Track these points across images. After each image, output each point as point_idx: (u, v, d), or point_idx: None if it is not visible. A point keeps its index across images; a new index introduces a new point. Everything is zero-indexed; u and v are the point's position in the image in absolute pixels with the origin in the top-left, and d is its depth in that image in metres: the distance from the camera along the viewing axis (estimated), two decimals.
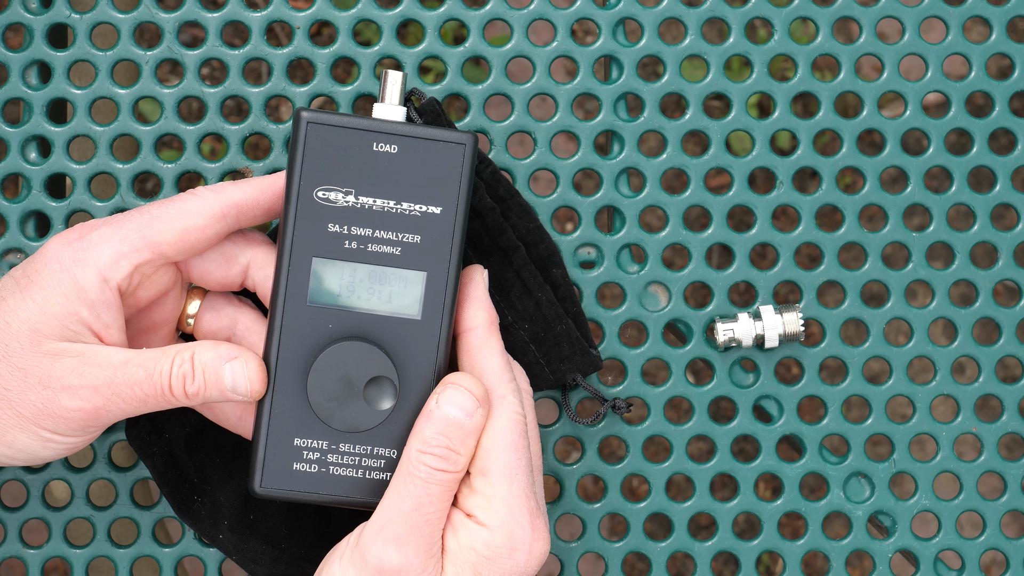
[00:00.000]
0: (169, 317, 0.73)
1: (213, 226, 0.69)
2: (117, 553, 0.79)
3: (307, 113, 0.69)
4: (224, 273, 0.72)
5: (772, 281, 0.81)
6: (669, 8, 0.81)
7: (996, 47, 0.81)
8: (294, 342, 0.70)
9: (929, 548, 0.81)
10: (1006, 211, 0.82)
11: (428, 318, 0.70)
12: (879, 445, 0.81)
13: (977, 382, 0.81)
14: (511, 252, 0.76)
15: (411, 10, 0.80)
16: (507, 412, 0.70)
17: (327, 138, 0.69)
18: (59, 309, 0.68)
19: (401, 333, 0.70)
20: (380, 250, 0.69)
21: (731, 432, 0.80)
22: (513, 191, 0.78)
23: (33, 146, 0.80)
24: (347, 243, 0.69)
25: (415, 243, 0.69)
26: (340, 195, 0.69)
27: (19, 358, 0.68)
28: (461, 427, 0.69)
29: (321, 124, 0.69)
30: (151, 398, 0.68)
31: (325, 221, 0.69)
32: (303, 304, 0.69)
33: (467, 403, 0.69)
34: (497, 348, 0.72)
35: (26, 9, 0.80)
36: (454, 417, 0.69)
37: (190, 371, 0.68)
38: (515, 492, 0.69)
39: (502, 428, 0.70)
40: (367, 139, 0.69)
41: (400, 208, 0.69)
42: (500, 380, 0.71)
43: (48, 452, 0.69)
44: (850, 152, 0.81)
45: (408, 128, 0.69)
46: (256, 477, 0.70)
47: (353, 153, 0.69)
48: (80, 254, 0.69)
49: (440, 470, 0.68)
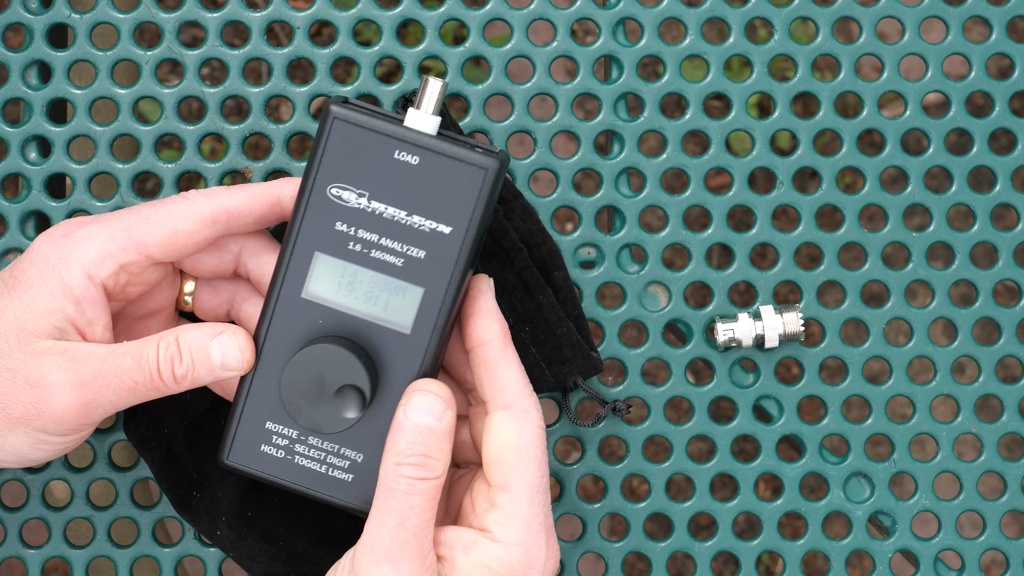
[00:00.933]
0: (166, 302, 0.73)
1: (202, 231, 0.69)
2: (117, 553, 0.79)
3: (336, 108, 0.67)
4: (216, 261, 0.72)
5: (772, 281, 0.81)
6: (669, 8, 0.81)
7: (996, 47, 0.81)
8: (283, 330, 0.70)
9: (929, 548, 0.81)
10: (1006, 211, 0.82)
11: (417, 334, 0.69)
12: (879, 445, 0.81)
13: (977, 382, 0.81)
14: (513, 254, 0.76)
15: (411, 10, 0.80)
16: (531, 427, 0.70)
17: (350, 137, 0.68)
18: (45, 306, 0.68)
19: (388, 343, 0.69)
20: (383, 257, 0.69)
21: (731, 432, 0.80)
22: (516, 193, 0.78)
23: (33, 146, 0.80)
24: (351, 244, 0.69)
25: (419, 258, 0.69)
26: (353, 195, 0.68)
27: (7, 358, 0.68)
28: (433, 432, 0.68)
29: (347, 122, 0.67)
30: (140, 385, 0.68)
31: (334, 219, 0.68)
32: (298, 296, 0.69)
33: (435, 407, 0.68)
34: (515, 360, 0.71)
35: (26, 9, 0.80)
36: (425, 424, 0.68)
37: (177, 352, 0.68)
38: (535, 510, 0.69)
39: (526, 443, 0.69)
40: (390, 145, 0.68)
41: (410, 220, 0.68)
42: (522, 393, 0.70)
43: (39, 454, 0.69)
44: (850, 152, 0.81)
45: (433, 142, 0.68)
46: (225, 448, 0.71)
47: (373, 157, 0.68)
48: (65, 251, 0.68)
49: (420, 479, 0.67)
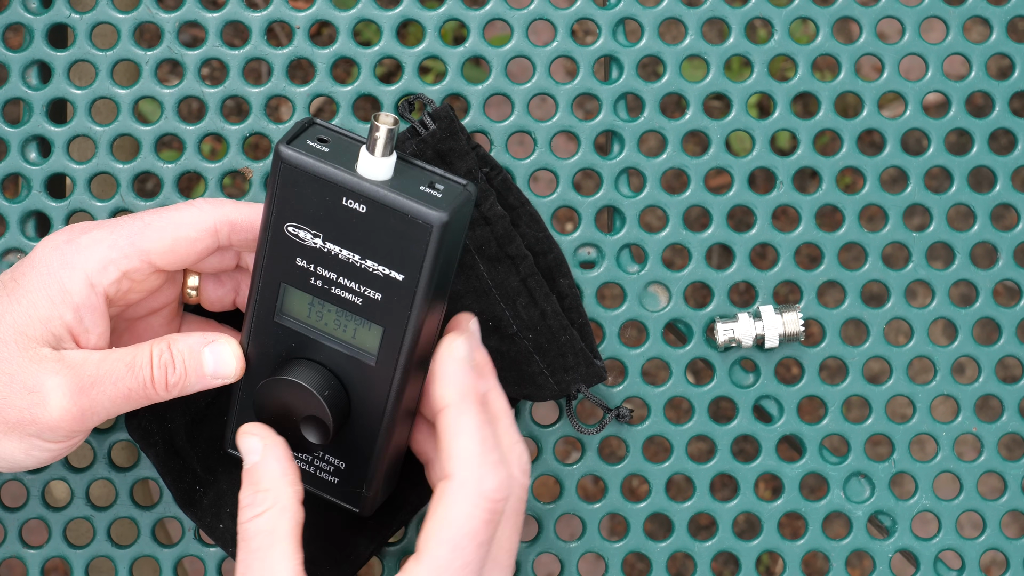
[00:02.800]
0: (168, 299, 0.73)
1: (204, 239, 0.69)
2: (117, 553, 0.79)
3: (285, 149, 0.65)
4: (219, 259, 0.72)
5: (772, 281, 0.81)
6: (669, 8, 0.81)
7: (996, 47, 0.81)
8: (263, 346, 0.70)
9: (929, 548, 0.81)
10: (1006, 211, 0.82)
11: (382, 366, 0.69)
12: (879, 445, 0.81)
13: (977, 382, 0.81)
14: (519, 261, 0.76)
15: (411, 10, 0.80)
16: (465, 501, 0.65)
17: (300, 180, 0.66)
18: (44, 312, 0.68)
19: (356, 371, 0.69)
20: (342, 295, 0.68)
21: (731, 432, 0.80)
22: (523, 200, 0.78)
23: (33, 146, 0.80)
24: (313, 280, 0.68)
25: (375, 299, 0.67)
26: (309, 235, 0.67)
27: (6, 362, 0.68)
28: (255, 467, 0.67)
29: (295, 167, 0.65)
30: (134, 392, 0.68)
31: (294, 254, 0.67)
32: (271, 320, 0.69)
33: (254, 445, 0.68)
34: (468, 427, 0.66)
35: (26, 9, 0.80)
36: (249, 464, 0.68)
37: (170, 360, 0.68)
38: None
39: (452, 518, 0.65)
40: (337, 192, 0.65)
41: (364, 264, 0.67)
42: (466, 464, 0.65)
43: (31, 460, 0.69)
44: (850, 152, 0.81)
45: (380, 192, 0.65)
46: (227, 438, 0.73)
47: (323, 201, 0.66)
48: (68, 257, 0.68)
49: (253, 517, 0.66)
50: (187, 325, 0.75)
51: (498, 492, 0.65)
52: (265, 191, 0.70)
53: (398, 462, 0.74)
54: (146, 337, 0.73)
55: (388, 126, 0.64)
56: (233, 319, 0.76)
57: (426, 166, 0.67)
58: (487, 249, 0.76)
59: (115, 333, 0.73)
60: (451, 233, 0.65)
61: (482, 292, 0.76)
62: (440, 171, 0.67)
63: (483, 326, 0.76)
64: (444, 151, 0.76)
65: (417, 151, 0.76)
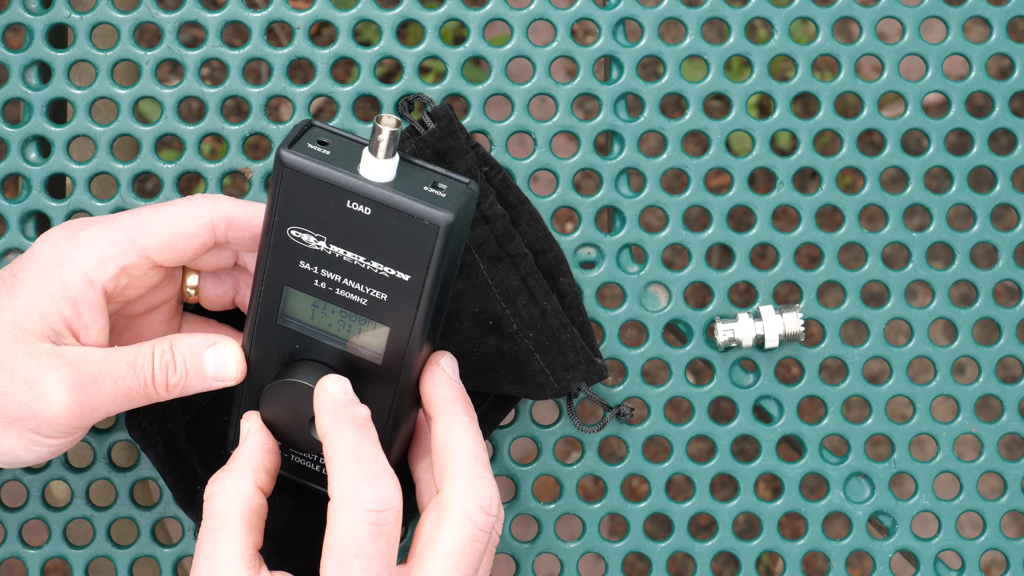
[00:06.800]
0: (167, 296, 0.73)
1: (201, 235, 0.69)
2: (117, 553, 0.79)
3: (287, 154, 0.65)
4: (217, 257, 0.72)
5: (772, 281, 0.81)
6: (669, 8, 0.81)
7: (996, 47, 0.81)
8: (265, 348, 0.70)
9: (929, 548, 0.81)
10: (1006, 211, 0.82)
11: (389, 365, 0.69)
12: (879, 445, 0.81)
13: (977, 382, 0.81)
14: (519, 259, 0.76)
15: (411, 10, 0.80)
16: (454, 523, 0.67)
17: (303, 184, 0.65)
18: (43, 307, 0.68)
19: (362, 371, 0.69)
20: (347, 296, 0.68)
21: (731, 432, 0.80)
22: (523, 198, 0.78)
23: (33, 146, 0.80)
24: (316, 282, 0.68)
25: (381, 299, 0.67)
26: (312, 238, 0.67)
27: (6, 357, 0.68)
28: (234, 454, 0.70)
29: (297, 171, 0.65)
30: (134, 391, 0.68)
31: (297, 257, 0.67)
32: (273, 322, 0.69)
33: (243, 429, 0.70)
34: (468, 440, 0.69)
35: (26, 9, 0.80)
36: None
37: (172, 360, 0.69)
38: None
39: (438, 538, 0.67)
40: (341, 195, 0.65)
41: (369, 265, 0.67)
42: (459, 478, 0.68)
43: (30, 456, 0.69)
44: (850, 152, 0.81)
45: (384, 194, 0.65)
46: (228, 438, 0.74)
47: (326, 205, 0.66)
48: (67, 253, 0.68)
49: (209, 497, 0.68)
50: (187, 325, 0.75)
51: (479, 515, 0.67)
52: (266, 192, 0.70)
53: (403, 460, 0.74)
54: (146, 335, 0.73)
55: (391, 128, 0.64)
56: (233, 319, 0.76)
57: (427, 165, 0.67)
58: (487, 248, 0.76)
59: (115, 330, 0.73)
60: (456, 232, 0.66)
61: (482, 291, 0.76)
62: (442, 170, 0.67)
63: (483, 325, 0.76)
64: (443, 150, 0.76)
65: (416, 150, 0.76)
